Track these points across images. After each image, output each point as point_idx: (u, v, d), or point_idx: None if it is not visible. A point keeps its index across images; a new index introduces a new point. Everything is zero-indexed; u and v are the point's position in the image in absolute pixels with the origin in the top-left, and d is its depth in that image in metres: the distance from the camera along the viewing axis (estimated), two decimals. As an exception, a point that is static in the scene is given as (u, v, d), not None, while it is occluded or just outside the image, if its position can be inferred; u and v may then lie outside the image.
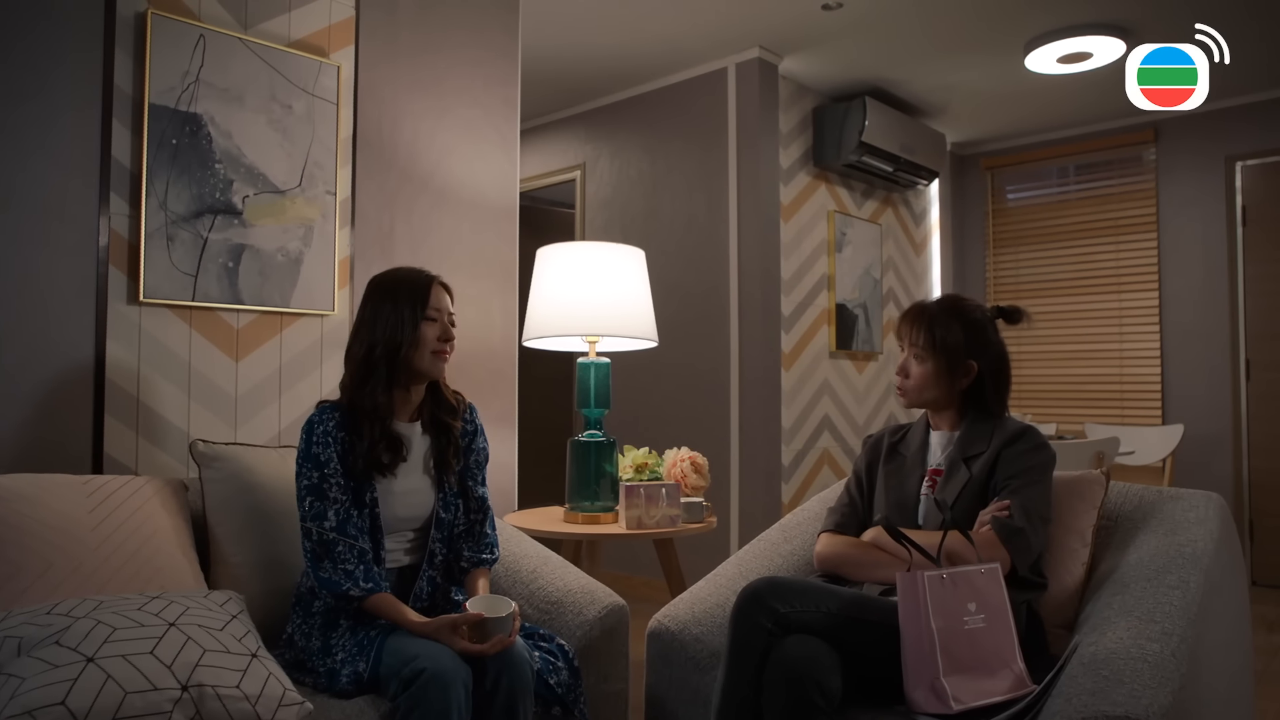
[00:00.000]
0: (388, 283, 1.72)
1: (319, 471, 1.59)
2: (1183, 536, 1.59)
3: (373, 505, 1.63)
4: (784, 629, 1.39)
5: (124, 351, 1.99)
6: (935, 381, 1.70)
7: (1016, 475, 1.59)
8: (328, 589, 1.55)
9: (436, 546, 1.71)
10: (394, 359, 1.64)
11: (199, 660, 1.25)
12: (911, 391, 1.73)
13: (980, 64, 4.00)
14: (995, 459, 1.63)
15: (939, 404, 1.73)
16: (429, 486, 1.72)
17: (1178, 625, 1.32)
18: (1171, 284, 4.63)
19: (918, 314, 1.73)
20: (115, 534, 1.54)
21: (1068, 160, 5.00)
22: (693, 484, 2.43)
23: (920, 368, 1.71)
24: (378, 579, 1.58)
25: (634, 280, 2.43)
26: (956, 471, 1.65)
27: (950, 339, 1.69)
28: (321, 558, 1.56)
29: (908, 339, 1.73)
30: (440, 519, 1.72)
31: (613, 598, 1.78)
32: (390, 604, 1.56)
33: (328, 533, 1.56)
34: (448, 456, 1.73)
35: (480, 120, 2.78)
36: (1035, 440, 1.65)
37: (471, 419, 1.83)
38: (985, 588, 1.41)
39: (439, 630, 1.48)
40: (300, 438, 1.63)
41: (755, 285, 3.85)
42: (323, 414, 1.64)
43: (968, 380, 1.70)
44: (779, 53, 3.90)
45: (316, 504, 1.58)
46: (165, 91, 2.05)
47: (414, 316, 1.66)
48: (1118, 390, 4.78)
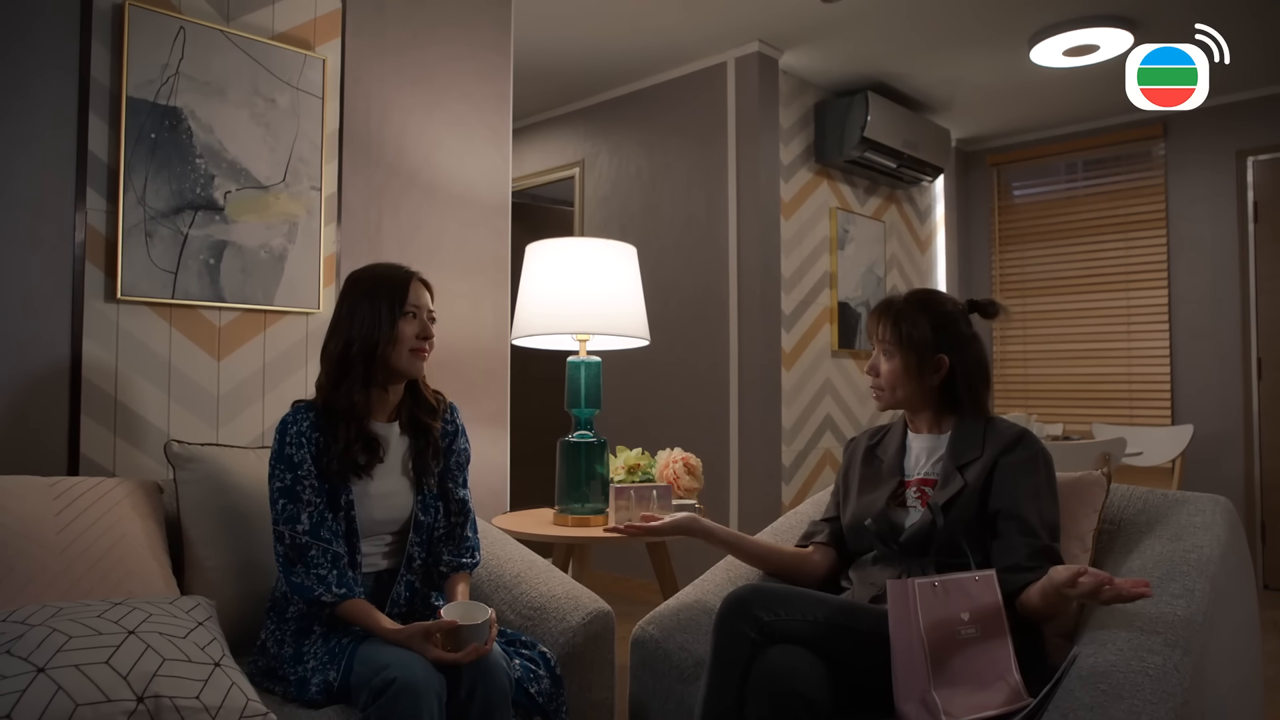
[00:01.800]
0: (366, 279, 1.67)
1: (292, 473, 1.55)
2: (1188, 542, 1.53)
3: (348, 508, 1.59)
4: (768, 638, 1.33)
5: (101, 350, 1.95)
6: (904, 379, 1.61)
7: (1032, 496, 1.49)
8: (300, 594, 1.51)
9: (415, 550, 1.66)
10: (371, 357, 1.60)
11: (157, 670, 1.20)
12: (884, 391, 1.64)
13: (984, 57, 3.93)
14: (992, 467, 1.54)
15: (913, 404, 1.65)
16: (407, 488, 1.67)
17: (1182, 636, 1.25)
18: (1181, 281, 4.54)
19: (884, 309, 1.65)
20: (82, 537, 1.50)
21: (1075, 156, 4.91)
22: (685, 485, 2.37)
23: (889, 364, 1.62)
24: (351, 584, 1.53)
25: (625, 277, 2.38)
26: (951, 481, 1.55)
27: (917, 333, 1.60)
28: (294, 562, 1.52)
29: (876, 335, 1.65)
30: (419, 522, 1.67)
31: (597, 604, 1.73)
32: (364, 610, 1.51)
33: (300, 536, 1.52)
34: (427, 458, 1.69)
35: (471, 115, 2.73)
36: (1033, 446, 1.57)
37: (452, 419, 1.79)
38: (980, 596, 1.35)
39: (412, 637, 1.43)
40: (274, 438, 1.59)
41: (755, 283, 3.79)
42: (297, 414, 1.60)
43: (938, 377, 1.61)
44: (779, 47, 3.84)
45: (289, 507, 1.54)
46: (144, 84, 2.00)
47: (391, 314, 1.61)
48: (1126, 390, 4.70)
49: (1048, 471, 1.54)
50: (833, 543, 1.75)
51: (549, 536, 2.20)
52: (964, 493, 1.52)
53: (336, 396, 1.59)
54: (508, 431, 2.79)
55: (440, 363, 2.60)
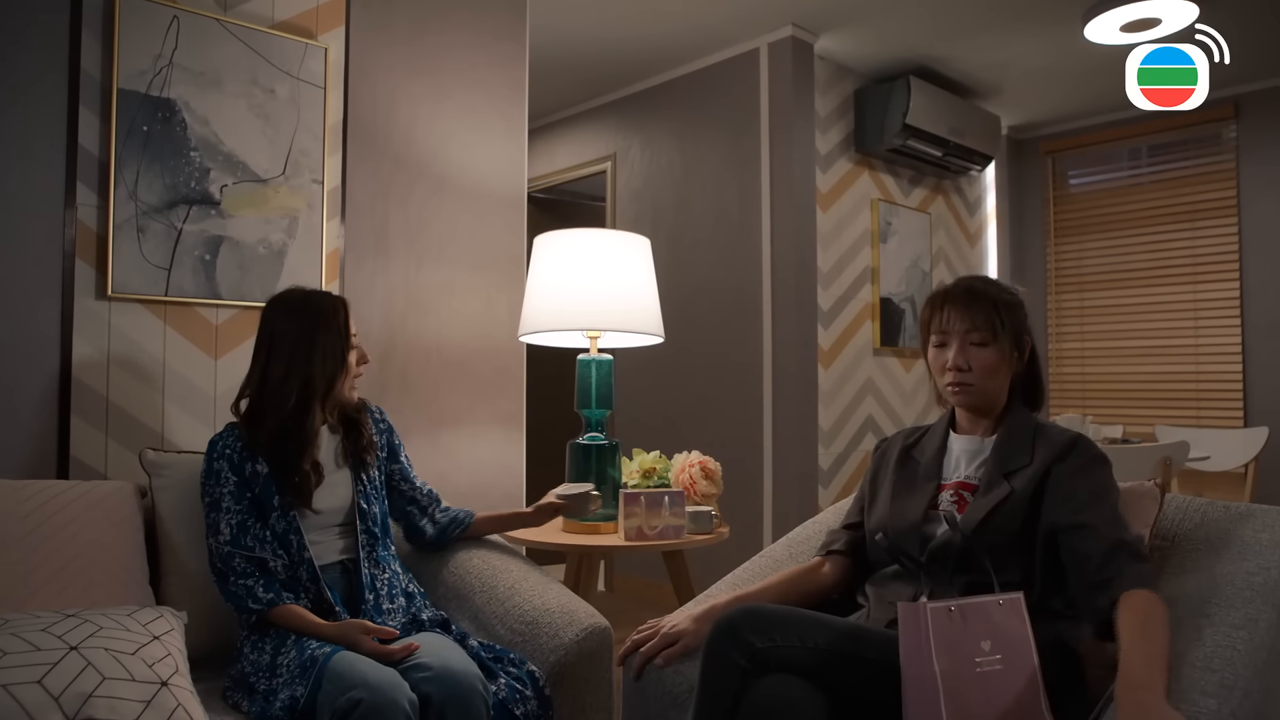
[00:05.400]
0: (298, 306, 1.64)
1: (218, 488, 1.56)
2: (1253, 563, 1.34)
3: (285, 510, 1.57)
4: (761, 667, 1.19)
5: (92, 349, 1.90)
6: (1001, 367, 1.44)
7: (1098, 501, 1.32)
8: (233, 605, 1.50)
9: (364, 539, 1.64)
10: (310, 389, 1.59)
11: (94, 690, 1.12)
12: (974, 385, 1.44)
13: (1034, 36, 3.69)
14: (1044, 475, 1.36)
15: (994, 398, 1.47)
16: (346, 479, 1.68)
17: (1241, 676, 1.08)
18: (1254, 273, 4.23)
19: (968, 293, 1.46)
20: (46, 544, 1.44)
21: (1139, 141, 4.62)
22: (702, 491, 2.23)
23: (983, 353, 1.43)
24: (279, 591, 1.51)
25: (639, 271, 2.25)
26: (995, 486, 1.38)
27: (1014, 317, 1.45)
28: (225, 575, 1.51)
29: (964, 323, 1.44)
30: (363, 510, 1.66)
31: (594, 619, 1.61)
32: (294, 615, 1.49)
33: (223, 546, 1.51)
34: (360, 450, 1.70)
35: (484, 105, 2.63)
36: (1090, 450, 1.39)
37: (384, 419, 1.83)
38: (1004, 622, 1.19)
39: (347, 631, 1.43)
40: (204, 458, 1.60)
41: (790, 277, 3.63)
42: (224, 434, 1.62)
43: (1022, 363, 1.47)
44: (814, 31, 3.66)
45: (212, 517, 1.54)
46: (135, 75, 1.95)
47: (343, 347, 1.63)
48: (1193, 389, 4.40)
49: (1109, 479, 1.37)
50: (850, 552, 1.59)
51: (554, 544, 2.09)
52: (1010, 500, 1.35)
53: (264, 434, 1.58)
54: (523, 433, 2.69)
55: (451, 361, 2.52)
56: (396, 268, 2.41)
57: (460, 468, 2.52)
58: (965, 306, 1.45)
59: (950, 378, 1.45)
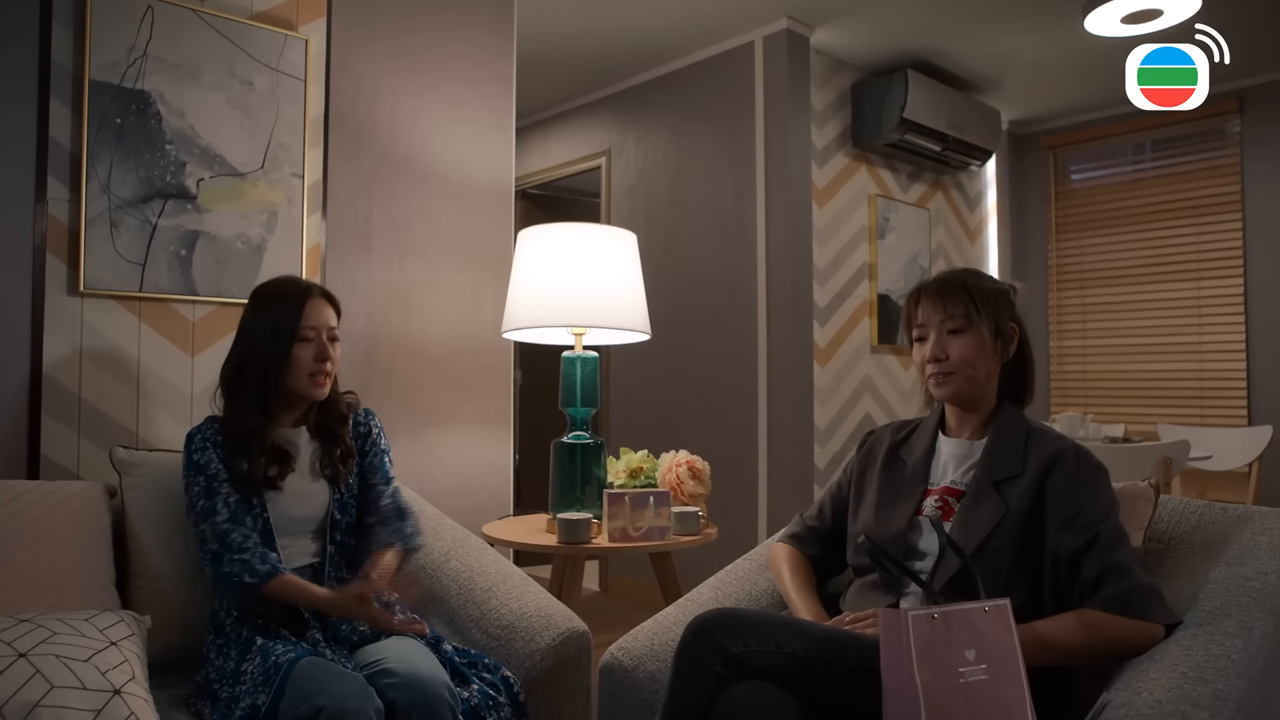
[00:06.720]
0: (264, 295, 1.61)
1: (204, 475, 1.52)
2: (1250, 568, 1.29)
3: (261, 508, 1.54)
4: (735, 672, 1.15)
5: (64, 346, 1.86)
6: (983, 354, 1.38)
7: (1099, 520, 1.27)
8: (227, 584, 1.45)
9: (332, 549, 1.60)
10: (263, 381, 1.55)
11: (40, 699, 1.08)
12: (956, 373, 1.39)
13: (1034, 28, 3.63)
14: (1039, 488, 1.31)
15: (980, 391, 1.41)
16: (323, 488, 1.62)
17: (1235, 687, 1.03)
18: (1258, 269, 4.16)
19: (941, 285, 1.42)
20: (6, 547, 1.40)
21: (1142, 136, 4.56)
22: (689, 491, 2.18)
23: (960, 340, 1.38)
24: (275, 562, 1.48)
25: (624, 266, 2.20)
26: (986, 500, 1.33)
27: (991, 301, 1.40)
28: (220, 554, 1.46)
29: (938, 313, 1.40)
30: (335, 520, 1.61)
31: (572, 623, 1.56)
32: (292, 585, 1.47)
33: (221, 525, 1.47)
34: (337, 461, 1.64)
35: (471, 99, 2.59)
36: (1088, 460, 1.33)
37: (366, 422, 1.73)
38: (989, 631, 1.14)
39: (348, 600, 1.42)
40: (183, 452, 1.56)
41: (785, 273, 3.57)
42: (202, 426, 1.59)
43: (1009, 351, 1.42)
44: (810, 23, 3.61)
45: (206, 503, 1.49)
46: (108, 66, 1.91)
47: (287, 337, 1.55)
48: (1196, 387, 4.34)
49: (1109, 489, 1.32)
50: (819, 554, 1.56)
51: (538, 546, 2.04)
52: (1005, 521, 1.29)
53: (231, 420, 1.55)
54: (510, 432, 2.65)
55: (436, 359, 2.48)
56: (380, 264, 2.37)
57: (446, 467, 2.48)
58: (939, 297, 1.42)
59: (930, 369, 1.42)
